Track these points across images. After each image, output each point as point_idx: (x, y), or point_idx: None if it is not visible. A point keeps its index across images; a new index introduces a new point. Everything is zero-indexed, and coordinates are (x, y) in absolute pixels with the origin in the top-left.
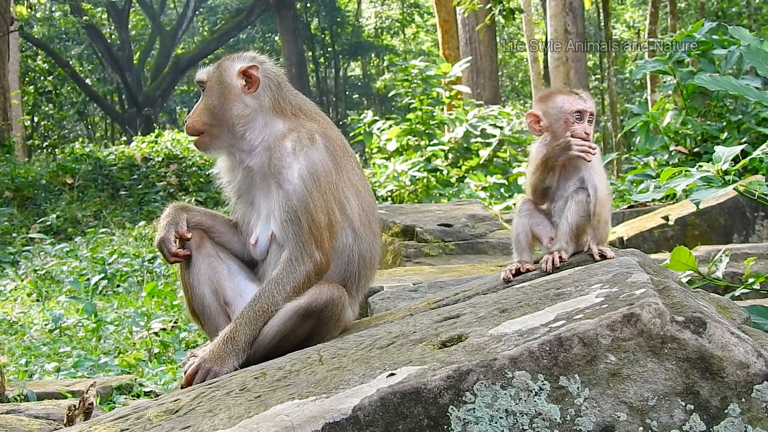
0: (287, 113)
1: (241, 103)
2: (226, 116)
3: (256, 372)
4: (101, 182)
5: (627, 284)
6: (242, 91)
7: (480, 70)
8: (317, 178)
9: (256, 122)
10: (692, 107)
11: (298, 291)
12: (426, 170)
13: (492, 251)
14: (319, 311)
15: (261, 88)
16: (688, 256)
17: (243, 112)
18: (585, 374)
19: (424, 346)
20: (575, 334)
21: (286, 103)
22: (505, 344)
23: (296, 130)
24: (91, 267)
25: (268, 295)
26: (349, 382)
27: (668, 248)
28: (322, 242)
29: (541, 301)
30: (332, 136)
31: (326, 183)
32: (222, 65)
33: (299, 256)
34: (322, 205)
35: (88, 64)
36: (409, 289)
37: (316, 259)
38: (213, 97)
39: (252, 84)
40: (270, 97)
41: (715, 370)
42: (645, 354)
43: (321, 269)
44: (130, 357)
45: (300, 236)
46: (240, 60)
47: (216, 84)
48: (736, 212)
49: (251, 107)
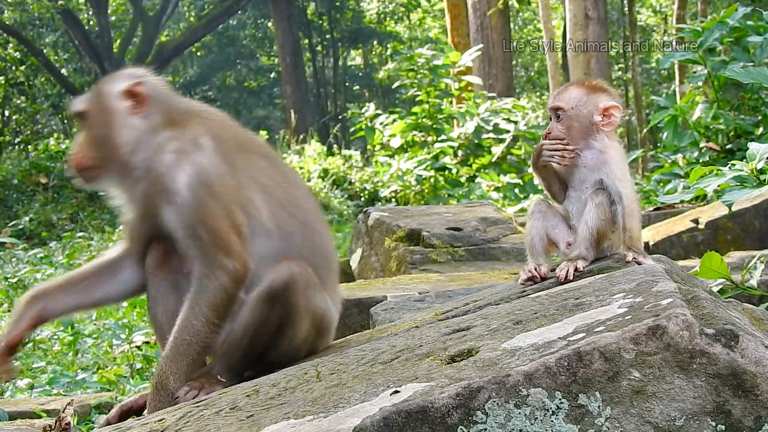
0: (176, 123)
1: (128, 127)
2: (113, 145)
3: (248, 389)
4: None
5: (652, 294)
6: (129, 113)
7: (492, 59)
8: (209, 183)
9: (144, 143)
10: (725, 100)
11: (217, 307)
12: (433, 169)
13: (505, 257)
14: (283, 291)
15: (151, 105)
16: (720, 263)
17: (132, 137)
18: (606, 392)
19: (431, 361)
20: (596, 347)
21: (176, 113)
22: (519, 359)
23: (177, 138)
24: None
25: (186, 325)
26: (350, 401)
27: (698, 254)
28: (230, 249)
29: (559, 312)
30: (224, 135)
31: (221, 187)
32: (100, 90)
33: (208, 271)
34: (221, 211)
35: (64, 52)
36: (415, 299)
37: (229, 268)
38: (96, 127)
39: (140, 103)
40: (161, 112)
41: (749, 387)
42: (672, 370)
43: (238, 277)
44: (110, 373)
45: (203, 250)
46: (120, 79)
47: (97, 112)
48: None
49: (141, 129)
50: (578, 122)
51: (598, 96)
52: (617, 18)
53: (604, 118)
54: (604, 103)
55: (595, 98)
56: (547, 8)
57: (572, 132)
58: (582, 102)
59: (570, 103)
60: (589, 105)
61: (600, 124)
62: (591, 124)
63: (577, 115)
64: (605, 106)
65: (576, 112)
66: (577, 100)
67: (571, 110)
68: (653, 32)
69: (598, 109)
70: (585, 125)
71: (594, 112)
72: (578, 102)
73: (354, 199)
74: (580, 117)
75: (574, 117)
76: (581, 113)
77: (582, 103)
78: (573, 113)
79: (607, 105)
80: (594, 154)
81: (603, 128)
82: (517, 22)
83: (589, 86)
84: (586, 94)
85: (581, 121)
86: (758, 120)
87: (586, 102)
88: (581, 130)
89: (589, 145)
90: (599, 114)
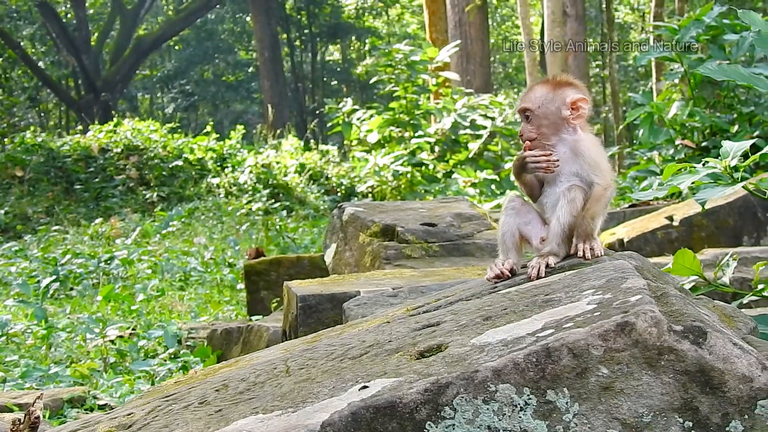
0: None
1: None
2: None
3: (217, 384)
4: (54, 175)
5: (621, 290)
6: None
7: (470, 55)
8: None
9: None
10: (700, 97)
11: None
12: (410, 164)
13: (479, 253)
14: None
15: None
16: (693, 260)
17: None
18: (575, 388)
19: (400, 357)
20: (564, 344)
21: None
22: (488, 355)
23: None
24: (42, 268)
25: None
26: (318, 396)
27: (672, 251)
28: None
29: (528, 308)
30: None
31: None
32: None
33: None
34: None
35: (41, 45)
36: (388, 295)
37: None
38: None
39: None
40: None
41: (716, 384)
42: (640, 366)
43: None
44: (83, 367)
45: None
46: None
47: None
48: (747, 212)
49: None
50: (547, 120)
51: (564, 91)
52: (595, 15)
53: (573, 111)
54: (571, 96)
55: (561, 93)
56: (525, 5)
57: (543, 130)
58: (548, 99)
59: (536, 102)
60: (556, 101)
61: (570, 118)
62: (561, 119)
63: (545, 113)
64: (572, 99)
65: (543, 111)
66: (542, 98)
67: (538, 109)
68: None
69: (565, 104)
70: (554, 122)
71: (562, 107)
72: (544, 100)
73: (331, 194)
74: (549, 114)
75: (542, 116)
76: (549, 110)
77: (548, 101)
78: (540, 112)
79: (574, 98)
80: (567, 147)
81: (573, 121)
82: (495, 18)
83: (554, 83)
84: (551, 91)
85: (550, 118)
86: (733, 118)
87: (552, 99)
88: (552, 127)
89: (562, 140)
90: (567, 108)
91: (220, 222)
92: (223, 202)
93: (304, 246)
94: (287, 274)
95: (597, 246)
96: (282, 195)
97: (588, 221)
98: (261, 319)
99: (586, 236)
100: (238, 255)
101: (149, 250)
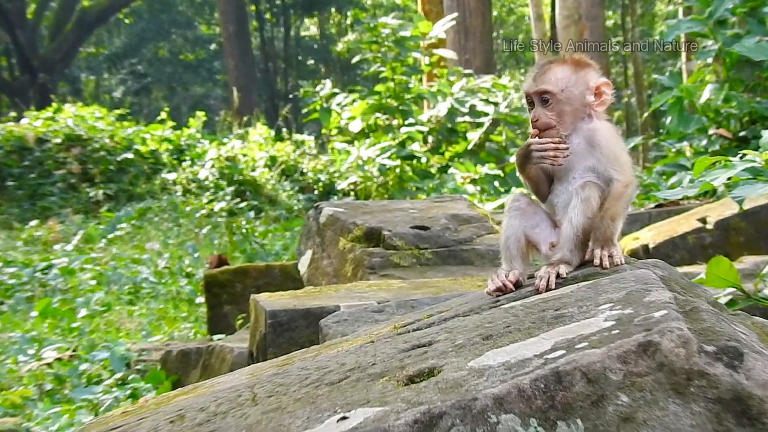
0: None
1: None
2: None
3: (171, 414)
4: None
5: (644, 304)
6: None
7: (469, 30)
8: None
9: None
10: (737, 80)
11: None
12: (399, 157)
13: (479, 261)
14: None
15: None
16: (729, 269)
17: None
18: (589, 419)
19: (385, 382)
20: (577, 367)
21: None
22: (488, 380)
23: None
24: None
25: None
26: (290, 428)
27: (706, 258)
28: None
29: (536, 326)
30: None
31: None
32: None
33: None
34: None
35: None
36: (373, 310)
37: None
38: None
39: None
40: None
41: (755, 415)
42: (666, 393)
43: None
44: (15, 394)
45: None
46: None
47: None
48: None
49: None
50: (570, 106)
51: (586, 73)
52: None
53: (596, 97)
54: (595, 80)
55: (584, 76)
56: None
57: (564, 117)
58: (572, 82)
59: (559, 84)
60: (580, 84)
61: (593, 104)
62: (583, 105)
63: (568, 97)
64: (596, 83)
65: (567, 95)
66: (566, 80)
67: (562, 93)
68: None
69: (589, 88)
70: (577, 108)
71: (585, 92)
72: (568, 82)
73: (306, 192)
74: (572, 99)
75: (565, 101)
76: (573, 95)
77: (572, 84)
78: (564, 96)
79: (598, 82)
80: (581, 138)
81: (596, 109)
82: None
83: (574, 62)
84: (574, 73)
85: (573, 104)
86: None
87: (576, 81)
88: (573, 114)
89: (577, 129)
90: (591, 93)
91: (176, 225)
92: (181, 201)
93: (274, 253)
94: (255, 286)
95: (616, 253)
96: (249, 193)
97: (606, 224)
98: (224, 338)
99: (603, 241)
100: (197, 263)
101: (93, 258)
